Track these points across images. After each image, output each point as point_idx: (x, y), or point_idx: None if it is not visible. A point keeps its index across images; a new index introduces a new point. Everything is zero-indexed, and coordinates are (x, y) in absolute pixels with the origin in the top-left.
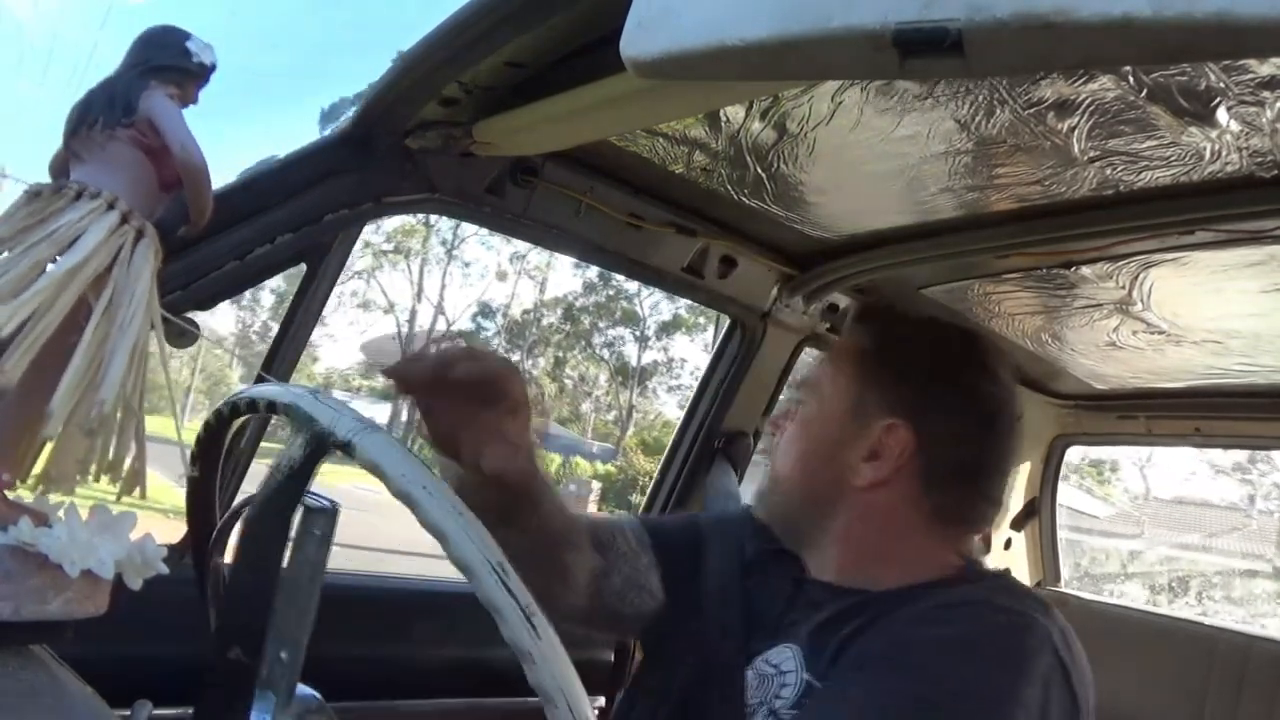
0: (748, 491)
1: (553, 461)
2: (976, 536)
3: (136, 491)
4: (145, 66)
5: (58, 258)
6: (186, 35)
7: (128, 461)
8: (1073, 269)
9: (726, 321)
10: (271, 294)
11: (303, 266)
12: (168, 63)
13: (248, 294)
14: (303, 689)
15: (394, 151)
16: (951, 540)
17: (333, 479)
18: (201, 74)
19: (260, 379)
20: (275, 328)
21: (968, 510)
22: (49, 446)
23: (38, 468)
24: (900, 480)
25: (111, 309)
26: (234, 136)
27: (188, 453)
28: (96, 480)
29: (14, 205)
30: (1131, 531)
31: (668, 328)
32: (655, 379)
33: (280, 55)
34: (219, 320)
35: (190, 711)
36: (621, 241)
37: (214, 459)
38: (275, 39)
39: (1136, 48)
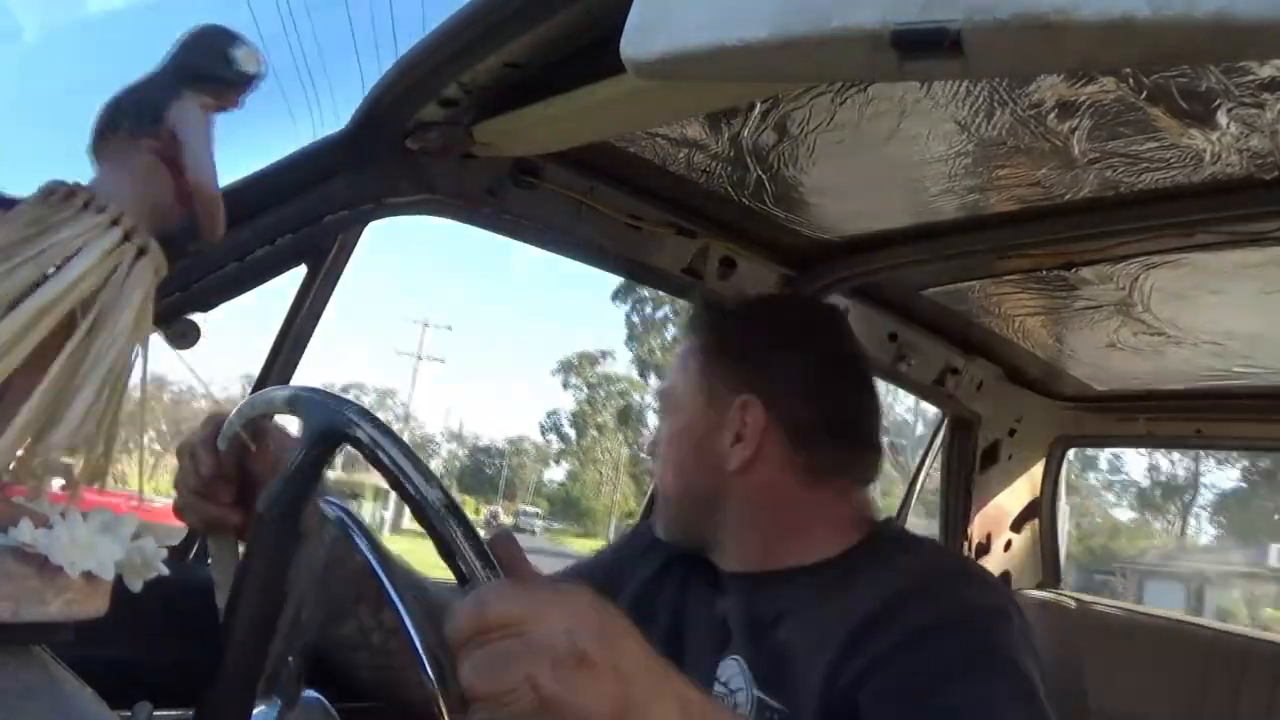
0: None
1: None
2: (867, 488)
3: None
4: (182, 72)
5: (48, 275)
6: (232, 40)
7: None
8: (1073, 270)
9: None
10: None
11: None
12: (206, 70)
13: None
14: (308, 693)
15: (394, 152)
16: (841, 495)
17: None
18: (242, 83)
19: (263, 378)
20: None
21: (844, 461)
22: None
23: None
24: (768, 451)
25: (92, 334)
26: (232, 136)
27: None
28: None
29: (24, 205)
30: None
31: None
32: None
33: (279, 55)
34: None
35: (190, 713)
36: (621, 243)
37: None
38: (275, 39)
39: (1136, 49)
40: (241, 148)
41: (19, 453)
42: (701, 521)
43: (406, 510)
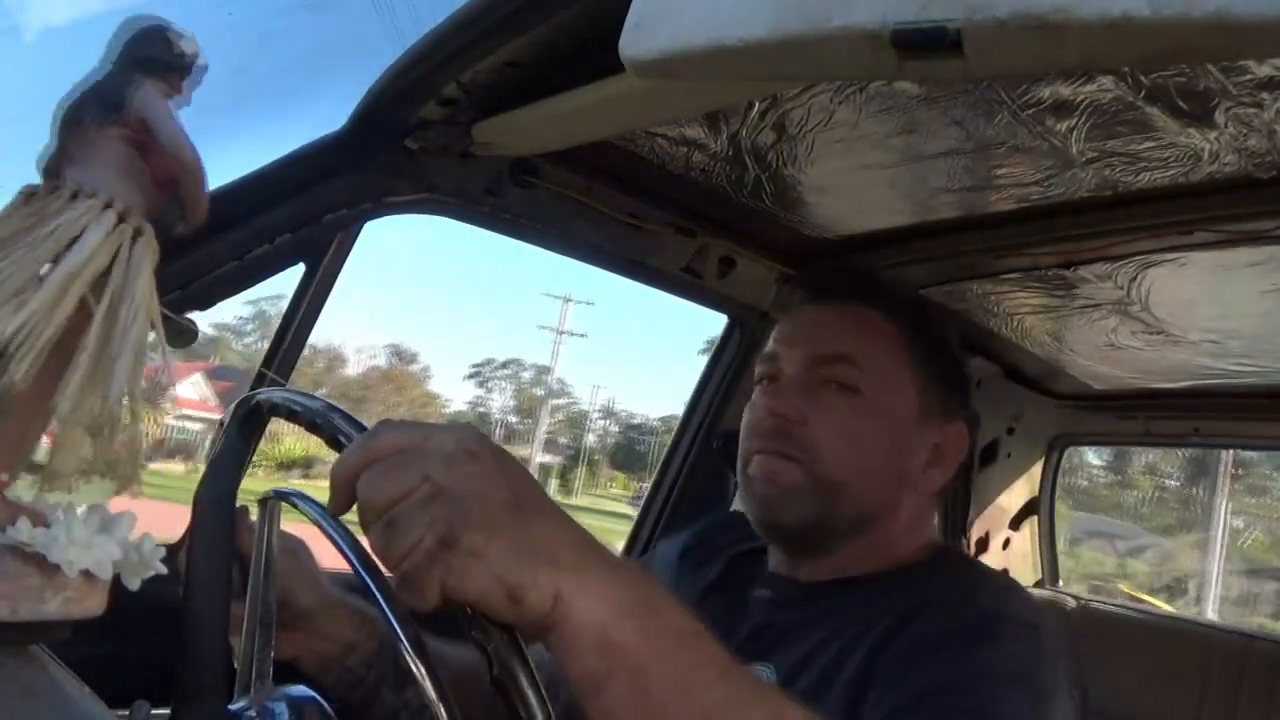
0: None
1: None
2: None
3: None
4: (130, 61)
5: (57, 259)
6: (169, 28)
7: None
8: (1071, 269)
9: None
10: None
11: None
12: (152, 56)
13: None
14: (302, 689)
15: (393, 152)
16: (931, 508)
17: None
18: (185, 67)
19: (261, 375)
20: None
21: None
22: (47, 444)
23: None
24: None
25: (112, 309)
26: (231, 137)
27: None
28: (94, 478)
29: (10, 206)
30: None
31: None
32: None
33: (278, 55)
34: None
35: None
36: (621, 242)
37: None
38: (273, 39)
39: (1135, 48)
40: (242, 147)
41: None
42: (841, 526)
43: None
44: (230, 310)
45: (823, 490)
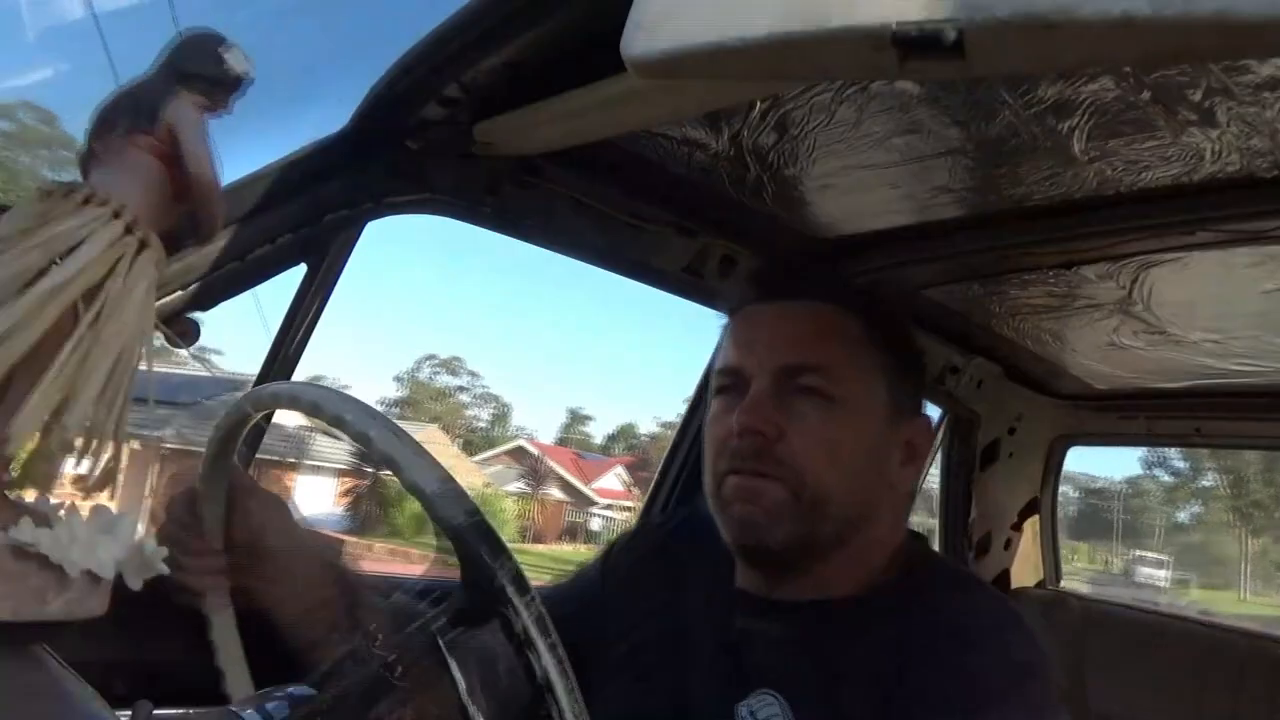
0: None
1: None
2: None
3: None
4: (175, 72)
5: (55, 262)
6: (222, 42)
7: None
8: (1073, 269)
9: None
10: None
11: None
12: (199, 70)
13: None
14: (303, 688)
15: (394, 152)
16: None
17: None
18: (234, 84)
19: (263, 378)
20: None
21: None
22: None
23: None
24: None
25: (99, 323)
26: (232, 136)
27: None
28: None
29: (23, 203)
30: None
31: None
32: None
33: (279, 55)
34: None
35: (191, 712)
36: (621, 242)
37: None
38: (274, 39)
39: (1136, 48)
40: (242, 147)
41: (29, 443)
42: (820, 541)
43: None
44: (676, 408)
45: (808, 507)
